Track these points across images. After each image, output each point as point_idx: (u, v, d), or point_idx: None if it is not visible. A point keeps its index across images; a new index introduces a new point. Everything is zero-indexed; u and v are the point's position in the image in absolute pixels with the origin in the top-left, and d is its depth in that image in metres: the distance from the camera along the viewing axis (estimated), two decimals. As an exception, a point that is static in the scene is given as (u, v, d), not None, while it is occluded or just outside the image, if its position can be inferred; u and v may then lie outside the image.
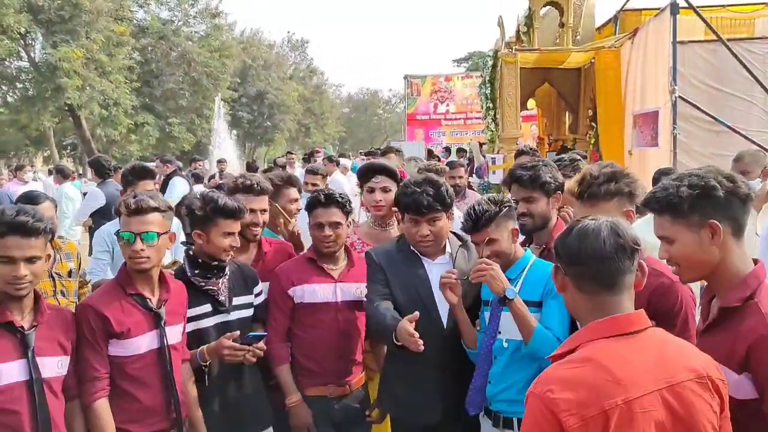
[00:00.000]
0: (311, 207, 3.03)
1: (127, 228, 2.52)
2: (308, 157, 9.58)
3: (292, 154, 14.22)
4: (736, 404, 1.73)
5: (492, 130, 10.36)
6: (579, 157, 3.86)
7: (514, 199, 2.96)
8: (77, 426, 2.40)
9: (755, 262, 1.93)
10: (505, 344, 2.61)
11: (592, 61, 10.41)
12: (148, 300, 2.57)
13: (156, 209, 2.54)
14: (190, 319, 2.79)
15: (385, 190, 3.37)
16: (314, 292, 2.98)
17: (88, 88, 24.02)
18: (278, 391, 3.01)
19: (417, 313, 2.59)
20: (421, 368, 2.78)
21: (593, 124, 10.88)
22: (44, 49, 24.49)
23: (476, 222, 2.63)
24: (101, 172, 7.44)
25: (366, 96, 62.38)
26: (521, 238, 2.99)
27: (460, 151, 16.79)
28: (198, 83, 30.14)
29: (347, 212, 3.06)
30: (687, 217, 1.88)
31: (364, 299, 2.94)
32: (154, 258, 2.54)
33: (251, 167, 12.45)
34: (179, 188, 8.59)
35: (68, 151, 31.82)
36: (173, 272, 2.89)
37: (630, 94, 9.78)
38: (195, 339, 2.78)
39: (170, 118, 29.24)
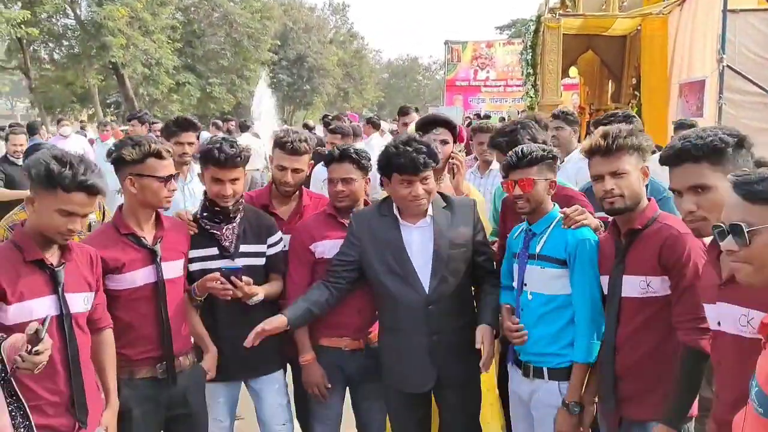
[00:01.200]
0: (328, 163, 3.03)
1: (165, 171, 2.69)
2: (329, 121, 9.43)
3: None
4: None
5: (531, 97, 10.21)
6: (633, 114, 3.81)
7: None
8: (102, 356, 2.52)
9: None
10: (530, 297, 2.64)
11: (639, 28, 10.14)
12: (142, 238, 2.70)
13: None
14: (198, 260, 2.90)
15: (444, 142, 3.31)
16: (335, 247, 2.93)
17: (131, 47, 24.32)
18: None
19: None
20: (406, 337, 2.80)
21: (636, 93, 10.65)
22: (90, 7, 24.80)
23: (520, 159, 2.62)
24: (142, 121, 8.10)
25: (406, 62, 61.83)
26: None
27: (501, 120, 16.61)
28: (239, 44, 30.25)
29: (363, 168, 3.01)
30: (728, 164, 1.91)
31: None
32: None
33: (307, 127, 12.45)
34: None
35: (112, 109, 32.35)
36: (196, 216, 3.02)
37: (677, 62, 9.52)
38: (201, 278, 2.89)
39: (211, 78, 29.48)
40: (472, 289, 2.99)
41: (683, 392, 2.24)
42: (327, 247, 2.96)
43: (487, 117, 14.58)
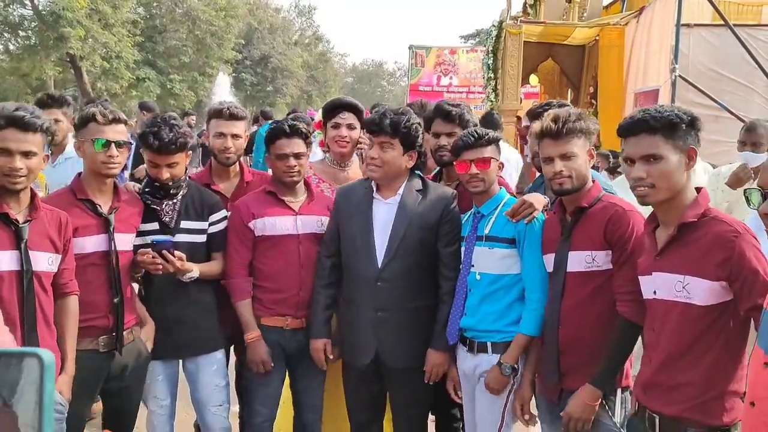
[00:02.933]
0: (273, 138, 3.01)
1: (103, 135, 2.66)
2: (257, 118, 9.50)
3: None
4: (707, 309, 1.95)
5: (492, 101, 10.37)
6: (567, 103, 3.92)
7: (436, 133, 3.10)
8: (64, 322, 2.51)
9: (698, 190, 2.11)
10: (478, 277, 2.70)
11: (597, 38, 10.40)
12: (98, 206, 2.70)
13: (126, 122, 2.77)
14: (140, 234, 2.87)
15: (350, 127, 3.35)
16: (274, 224, 2.96)
17: (90, 39, 23.80)
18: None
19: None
20: (357, 310, 2.85)
21: (593, 101, 10.91)
22: (48, -4, 24.27)
23: (477, 140, 2.69)
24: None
25: (371, 67, 62.05)
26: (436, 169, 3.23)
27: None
28: (202, 42, 29.86)
29: (309, 144, 3.05)
30: (677, 139, 2.03)
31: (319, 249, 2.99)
32: (121, 165, 2.73)
33: (265, 114, 12.41)
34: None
35: (68, 103, 31.64)
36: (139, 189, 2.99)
37: (633, 72, 9.79)
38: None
39: (172, 74, 29.05)
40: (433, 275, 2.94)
41: (614, 358, 2.36)
42: (267, 224, 2.96)
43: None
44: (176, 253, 2.79)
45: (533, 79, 13.41)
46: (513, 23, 9.86)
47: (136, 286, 3.00)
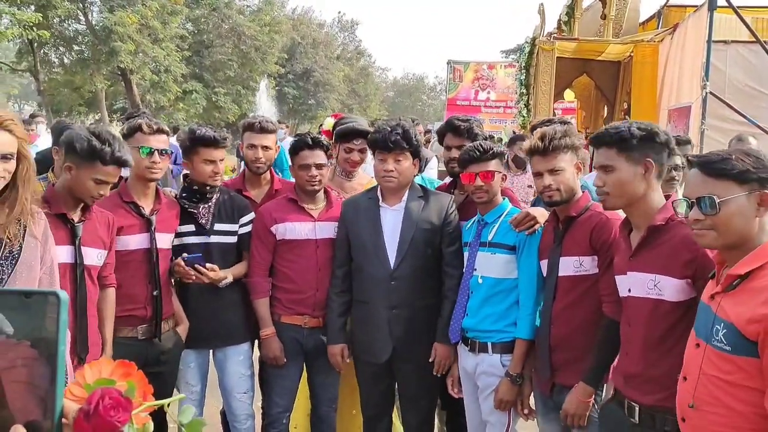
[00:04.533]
0: (297, 149, 3.25)
1: (148, 143, 3.00)
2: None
3: None
4: (676, 305, 2.14)
5: (524, 116, 10.49)
6: (568, 120, 4.11)
7: (447, 146, 3.33)
8: (104, 310, 2.82)
9: (667, 197, 2.31)
10: (480, 280, 2.91)
11: (631, 55, 10.44)
12: (141, 208, 3.02)
13: (168, 132, 3.12)
14: (178, 235, 3.18)
15: (362, 152, 3.59)
16: (294, 229, 3.20)
17: (140, 53, 24.71)
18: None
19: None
20: (371, 308, 3.08)
21: (627, 117, 10.92)
22: (101, 12, 25.25)
23: (482, 153, 2.90)
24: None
25: (411, 81, 62.37)
26: (448, 180, 3.44)
27: (498, 141, 16.85)
28: (246, 56, 30.64)
29: (329, 156, 3.32)
30: (631, 152, 2.24)
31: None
32: (163, 171, 3.06)
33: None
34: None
35: (118, 115, 32.73)
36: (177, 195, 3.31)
37: (666, 88, 9.79)
38: (179, 253, 3.14)
39: (217, 88, 29.86)
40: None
41: (602, 356, 2.54)
42: (287, 229, 3.21)
43: (492, 138, 14.85)
44: (208, 265, 3.08)
45: (569, 94, 13.47)
46: (546, 39, 9.98)
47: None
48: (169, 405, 1.06)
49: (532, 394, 2.89)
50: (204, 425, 1.09)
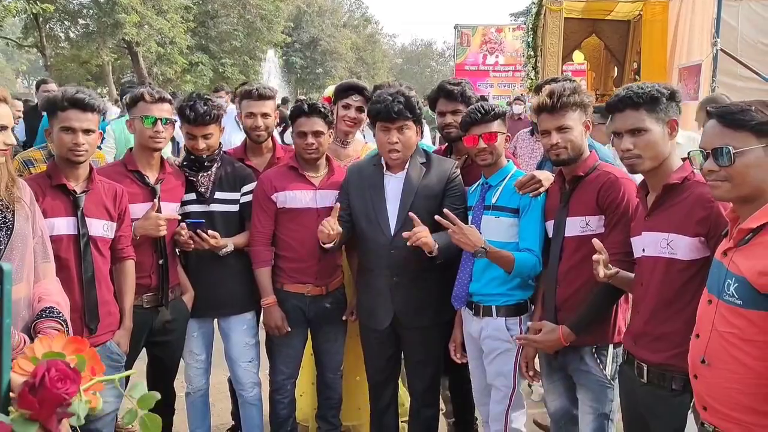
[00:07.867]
0: (295, 116, 3.20)
1: (151, 113, 2.96)
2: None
3: None
4: (688, 263, 2.13)
5: (532, 79, 10.34)
6: (573, 78, 4.03)
7: (441, 111, 3.24)
8: (122, 282, 2.84)
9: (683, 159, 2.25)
10: None
11: (640, 13, 10.23)
12: (146, 176, 3.01)
13: (170, 101, 3.07)
14: (181, 204, 3.17)
15: (359, 110, 3.53)
16: (295, 197, 3.16)
17: (146, 25, 24.54)
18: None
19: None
20: (373, 275, 3.07)
21: (637, 77, 10.75)
22: (104, -16, 25.07)
23: (484, 115, 2.85)
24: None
25: (419, 48, 61.61)
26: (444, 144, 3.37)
27: (507, 104, 16.66)
28: (252, 26, 30.35)
29: (329, 122, 3.22)
30: (661, 112, 2.22)
31: None
32: (167, 139, 3.03)
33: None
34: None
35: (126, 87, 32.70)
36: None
37: (677, 47, 9.61)
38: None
39: (223, 58, 29.68)
40: None
41: (593, 309, 2.54)
42: (288, 197, 3.18)
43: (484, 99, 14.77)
44: (210, 232, 3.06)
45: (578, 56, 13.26)
46: (553, 0, 9.79)
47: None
48: (126, 380, 1.01)
49: (536, 356, 2.88)
50: (156, 399, 1.06)
